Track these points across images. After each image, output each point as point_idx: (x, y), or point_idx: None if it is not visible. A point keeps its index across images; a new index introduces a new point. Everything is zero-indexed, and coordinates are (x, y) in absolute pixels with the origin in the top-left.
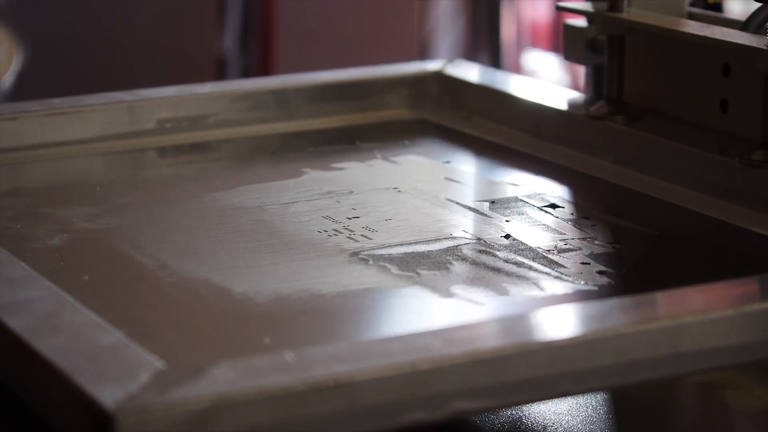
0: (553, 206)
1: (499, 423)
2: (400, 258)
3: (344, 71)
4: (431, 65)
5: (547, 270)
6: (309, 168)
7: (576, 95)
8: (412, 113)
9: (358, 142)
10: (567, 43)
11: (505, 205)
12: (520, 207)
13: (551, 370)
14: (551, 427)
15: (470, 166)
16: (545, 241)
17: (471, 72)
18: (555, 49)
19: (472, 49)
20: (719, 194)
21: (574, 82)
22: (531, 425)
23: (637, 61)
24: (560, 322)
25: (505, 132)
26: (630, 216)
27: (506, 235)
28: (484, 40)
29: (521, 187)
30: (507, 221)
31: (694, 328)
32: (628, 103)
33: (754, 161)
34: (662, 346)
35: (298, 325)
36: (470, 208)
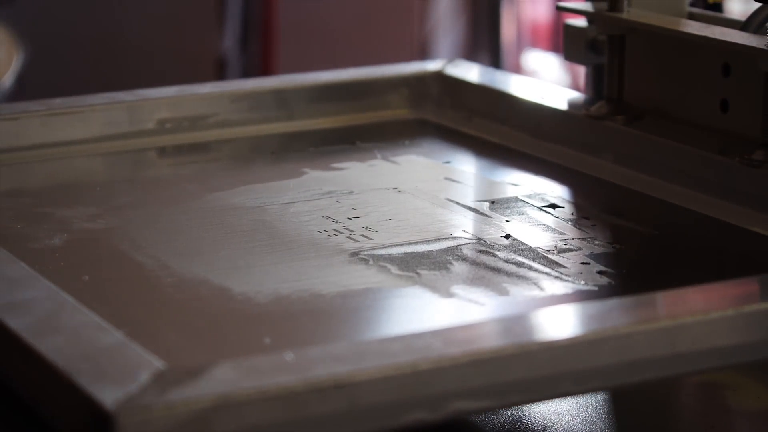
0: (553, 206)
1: (499, 423)
2: (400, 258)
3: (344, 71)
4: (431, 65)
5: (547, 270)
6: (309, 168)
7: (576, 95)
8: (412, 113)
9: (358, 142)
10: (567, 43)
11: (505, 205)
12: (520, 207)
13: (551, 371)
14: (551, 427)
15: (470, 166)
16: (545, 241)
17: (471, 72)
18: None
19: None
20: (719, 194)
21: (574, 82)
22: (531, 425)
23: (637, 61)
24: (560, 322)
25: (505, 132)
26: (630, 216)
27: (506, 235)
28: (484, 40)
29: (521, 187)
30: (507, 221)
31: (694, 328)
32: (628, 103)
33: (754, 161)
34: (662, 346)
35: (298, 325)
36: (470, 208)
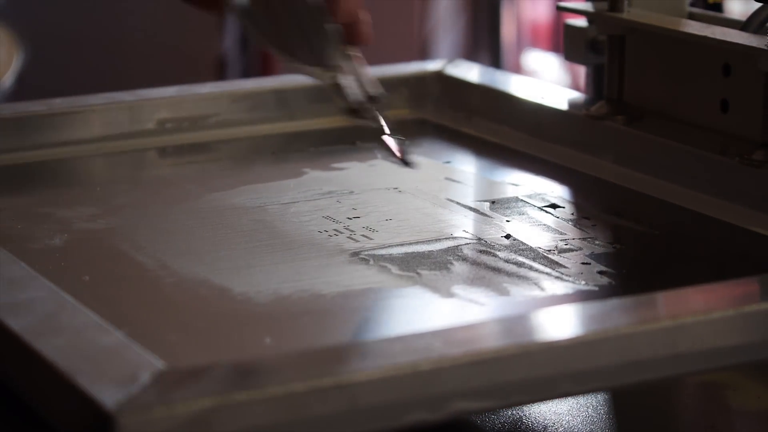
0: (554, 206)
1: (500, 423)
2: (400, 258)
3: None
4: (431, 65)
5: (547, 270)
6: (309, 168)
7: (576, 95)
8: (412, 113)
9: (358, 142)
10: (567, 43)
11: (506, 205)
12: (521, 207)
13: (552, 371)
14: (551, 427)
15: (470, 166)
16: (546, 241)
17: (471, 72)
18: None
19: (472, 49)
20: (719, 194)
21: (574, 82)
22: (531, 425)
23: (637, 61)
24: (561, 322)
25: (505, 132)
26: (630, 216)
27: (507, 235)
28: (484, 40)
29: (521, 187)
30: (507, 221)
31: (695, 329)
32: (628, 103)
33: (754, 161)
34: (663, 346)
35: (299, 325)
36: (471, 208)
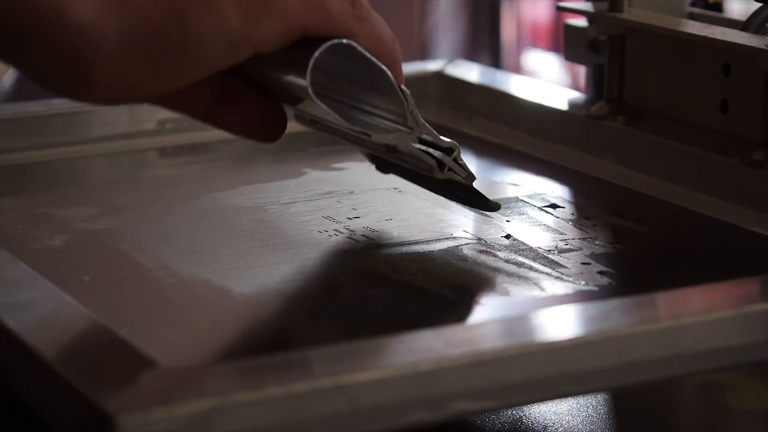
0: (554, 206)
1: (500, 423)
2: (400, 258)
3: None
4: (431, 65)
5: (547, 270)
6: (309, 168)
7: (576, 95)
8: None
9: None
10: (567, 43)
11: (506, 205)
12: (521, 207)
13: (552, 371)
14: (551, 427)
15: (470, 166)
16: (546, 241)
17: (471, 72)
18: (555, 49)
19: (472, 49)
20: (719, 194)
21: (574, 82)
22: (531, 425)
23: (637, 61)
24: (561, 322)
25: (505, 132)
26: (630, 216)
27: (507, 235)
28: (484, 40)
29: (521, 187)
30: (507, 221)
31: (695, 329)
32: (628, 103)
33: (754, 161)
34: (663, 346)
35: (299, 325)
36: (471, 208)
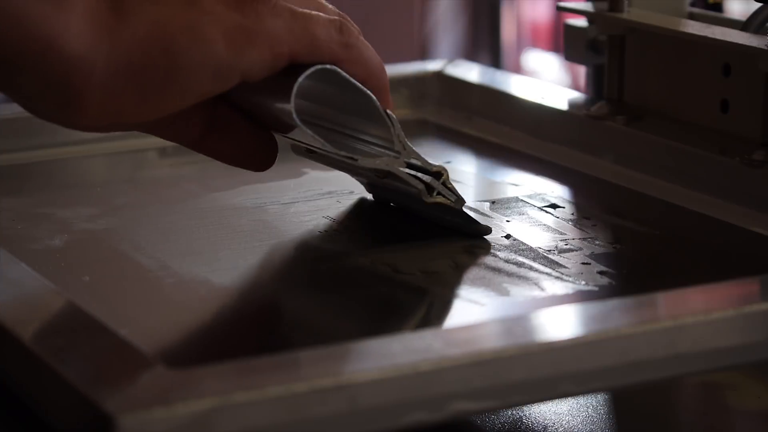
0: (554, 206)
1: (500, 423)
2: (401, 258)
3: None
4: (431, 65)
5: (547, 270)
6: (309, 168)
7: (576, 95)
8: (412, 113)
9: None
10: (567, 43)
11: (506, 205)
12: (521, 207)
13: (552, 371)
14: (551, 427)
15: (470, 166)
16: (546, 241)
17: (471, 72)
18: (555, 49)
19: (472, 49)
20: (719, 194)
21: (574, 82)
22: (531, 425)
23: (637, 61)
24: (561, 322)
25: (505, 132)
26: (630, 216)
27: (507, 236)
28: (484, 40)
29: (522, 187)
30: (507, 221)
31: (695, 329)
32: (628, 103)
33: (754, 161)
34: (663, 346)
35: (299, 325)
36: (471, 209)
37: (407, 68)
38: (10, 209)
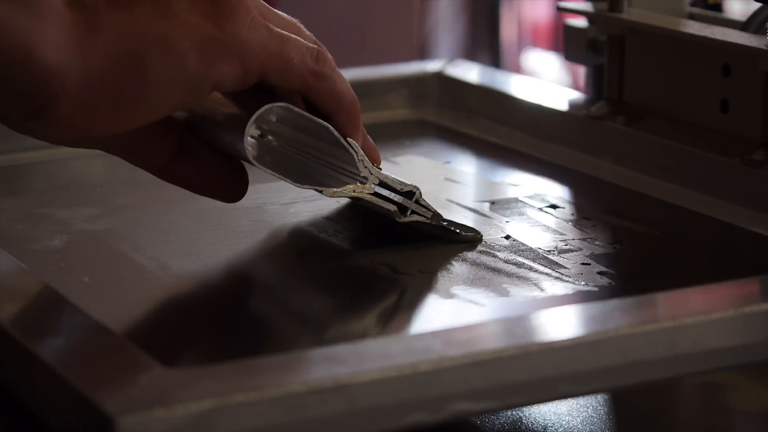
0: (554, 207)
1: (499, 424)
2: (400, 258)
3: (344, 71)
4: (431, 65)
5: (547, 271)
6: None
7: (576, 95)
8: (412, 113)
9: None
10: (567, 43)
11: (506, 206)
12: (521, 207)
13: (552, 372)
14: (551, 427)
15: (470, 166)
16: (545, 241)
17: (471, 72)
18: (555, 49)
19: (472, 49)
20: (719, 194)
21: (574, 82)
22: (531, 426)
23: (637, 61)
24: (561, 323)
25: (505, 132)
26: (630, 216)
27: (506, 236)
28: (484, 40)
29: (521, 187)
30: (507, 222)
31: (695, 329)
32: (628, 104)
33: (754, 161)
34: (663, 347)
35: (299, 325)
36: (470, 209)
37: (407, 68)
38: (10, 209)
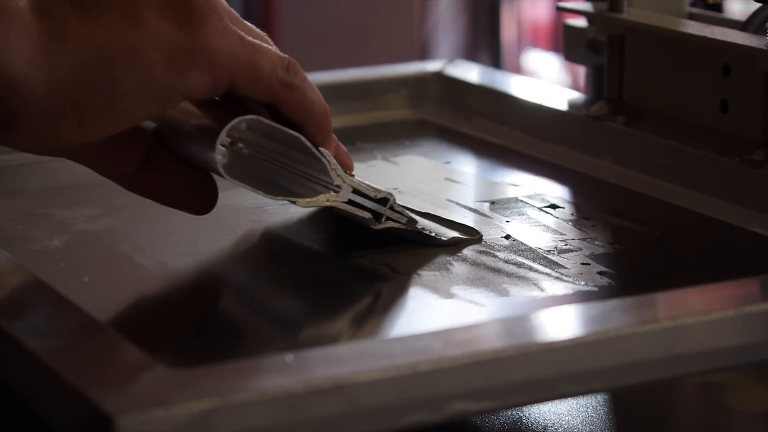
0: (554, 207)
1: (499, 424)
2: (400, 258)
3: (344, 71)
4: (431, 65)
5: (547, 271)
6: None
7: (576, 95)
8: (412, 113)
9: (358, 143)
10: (567, 43)
11: (506, 206)
12: (521, 207)
13: (551, 372)
14: (551, 427)
15: (470, 166)
16: (545, 241)
17: (471, 72)
18: (555, 49)
19: (472, 49)
20: (719, 194)
21: (574, 82)
22: (531, 426)
23: (637, 61)
24: (560, 323)
25: (505, 132)
26: (630, 216)
27: (506, 236)
28: (484, 40)
29: (521, 187)
30: (507, 222)
31: (695, 329)
32: (628, 104)
33: (754, 161)
34: (662, 347)
35: (299, 326)
36: (470, 209)
37: (407, 68)
38: (10, 209)
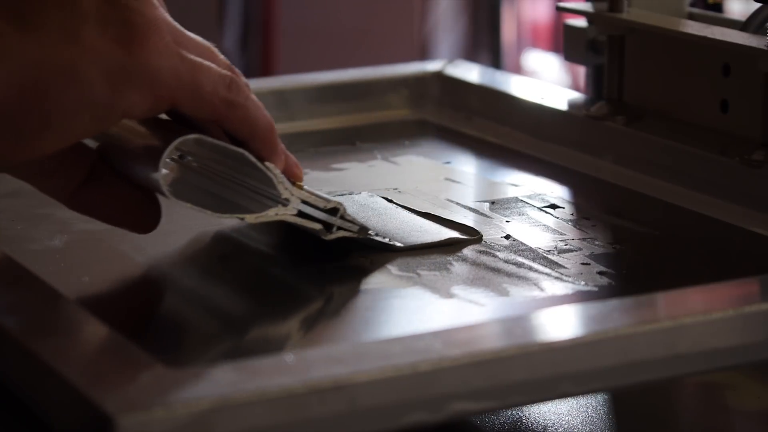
0: (554, 207)
1: (499, 423)
2: (400, 258)
3: (344, 71)
4: (431, 65)
5: (547, 270)
6: (309, 168)
7: (576, 95)
8: (412, 113)
9: (358, 143)
10: (567, 43)
11: (506, 206)
12: (521, 207)
13: (551, 372)
14: (551, 427)
15: (470, 166)
16: (545, 241)
17: (471, 72)
18: (555, 49)
19: (472, 49)
20: (719, 194)
21: (574, 82)
22: (531, 426)
23: (637, 61)
24: (560, 323)
25: (505, 132)
26: (630, 216)
27: (506, 236)
28: (484, 40)
29: (521, 187)
30: (507, 222)
31: (695, 329)
32: (628, 104)
33: (754, 161)
34: (662, 347)
35: (299, 326)
36: (470, 209)
37: (407, 68)
38: (10, 209)
